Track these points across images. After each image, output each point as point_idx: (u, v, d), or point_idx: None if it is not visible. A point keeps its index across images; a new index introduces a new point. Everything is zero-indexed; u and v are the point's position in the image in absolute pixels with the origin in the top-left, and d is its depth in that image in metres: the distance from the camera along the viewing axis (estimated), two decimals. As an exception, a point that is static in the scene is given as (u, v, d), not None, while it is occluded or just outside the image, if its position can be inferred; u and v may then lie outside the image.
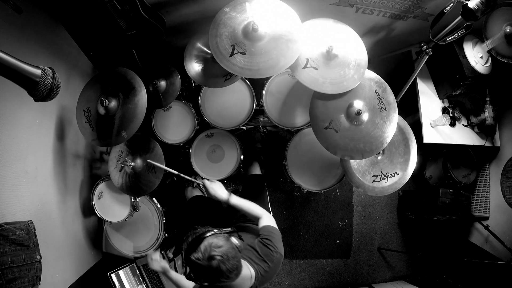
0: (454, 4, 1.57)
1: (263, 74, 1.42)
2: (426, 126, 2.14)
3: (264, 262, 1.26)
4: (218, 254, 1.06)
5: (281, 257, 1.31)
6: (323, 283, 2.69)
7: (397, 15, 1.88)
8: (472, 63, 1.93)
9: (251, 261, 1.25)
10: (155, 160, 1.74)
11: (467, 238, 2.56)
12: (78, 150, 2.02)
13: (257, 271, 1.23)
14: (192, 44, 1.82)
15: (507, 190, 1.98)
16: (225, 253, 1.08)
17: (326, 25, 1.57)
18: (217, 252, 1.07)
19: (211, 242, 1.09)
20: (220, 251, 1.07)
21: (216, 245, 1.08)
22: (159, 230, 1.95)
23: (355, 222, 2.74)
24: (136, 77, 1.62)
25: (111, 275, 1.97)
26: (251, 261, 1.25)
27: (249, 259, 1.26)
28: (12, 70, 0.74)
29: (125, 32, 1.63)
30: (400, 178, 1.69)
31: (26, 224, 1.34)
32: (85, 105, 1.67)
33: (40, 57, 1.58)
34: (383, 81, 1.59)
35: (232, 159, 2.06)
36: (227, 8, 1.51)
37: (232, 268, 1.08)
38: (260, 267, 1.25)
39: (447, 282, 2.54)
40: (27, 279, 1.28)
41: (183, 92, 2.13)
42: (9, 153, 1.37)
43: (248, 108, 1.98)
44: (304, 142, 1.98)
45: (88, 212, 2.07)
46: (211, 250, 1.07)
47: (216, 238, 1.11)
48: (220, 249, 1.08)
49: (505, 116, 2.29)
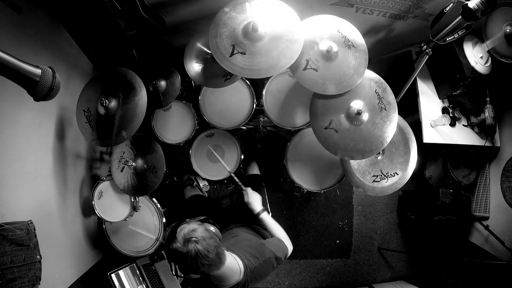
0: (454, 4, 1.57)
1: (263, 74, 1.42)
2: (426, 126, 2.14)
3: (255, 258, 1.27)
4: (193, 236, 1.08)
5: (273, 258, 1.31)
6: (323, 283, 2.69)
7: (397, 15, 1.88)
8: (472, 63, 1.93)
9: (243, 256, 1.26)
10: (155, 160, 1.74)
11: (467, 238, 2.56)
12: (78, 150, 2.02)
13: (246, 266, 1.23)
14: (192, 44, 1.82)
15: (507, 190, 1.98)
16: (200, 234, 1.10)
17: (326, 22, 1.57)
18: (192, 234, 1.09)
19: (184, 228, 1.11)
20: (194, 233, 1.09)
21: (191, 229, 1.11)
22: (159, 230, 1.95)
23: (355, 222, 2.74)
24: (136, 77, 1.62)
25: (111, 275, 1.97)
26: (243, 256, 1.26)
27: (241, 254, 1.26)
28: (12, 69, 0.74)
29: (125, 32, 1.63)
30: (400, 178, 1.69)
31: (26, 224, 1.34)
32: (85, 105, 1.67)
33: (40, 57, 1.58)
34: (383, 81, 1.59)
35: (232, 159, 2.06)
36: (227, 8, 1.51)
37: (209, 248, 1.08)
38: (250, 262, 1.25)
39: (447, 282, 2.54)
40: (27, 279, 1.28)
41: (183, 92, 2.13)
42: (9, 153, 1.36)
43: (248, 108, 1.98)
44: (304, 142, 1.98)
45: (88, 212, 2.07)
46: (187, 234, 1.09)
47: (188, 224, 1.14)
48: (194, 232, 1.10)
49: (505, 116, 2.29)
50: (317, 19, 1.56)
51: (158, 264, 2.03)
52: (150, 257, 2.04)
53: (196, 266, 1.08)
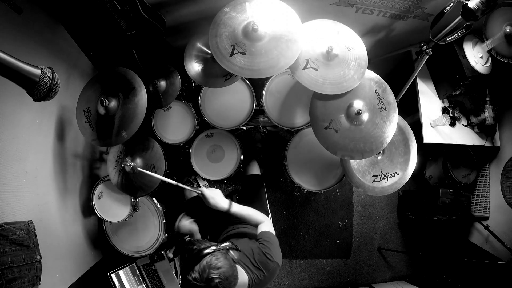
0: (454, 4, 1.57)
1: (263, 74, 1.42)
2: (426, 126, 2.14)
3: (259, 271, 1.25)
4: (217, 276, 1.04)
5: (277, 267, 1.29)
6: (323, 283, 2.69)
7: (397, 15, 1.88)
8: (472, 63, 1.93)
9: (247, 268, 1.25)
10: (155, 159, 1.74)
11: (467, 238, 2.56)
12: (78, 150, 2.02)
13: (251, 279, 1.23)
14: (192, 44, 1.82)
15: (507, 190, 1.98)
16: (223, 274, 1.05)
17: (325, 25, 1.57)
18: (216, 274, 1.04)
19: (209, 263, 1.06)
20: (218, 272, 1.05)
21: (215, 266, 1.05)
22: (159, 230, 1.95)
23: (355, 222, 2.74)
24: (136, 77, 1.62)
25: (111, 275, 1.97)
26: (247, 268, 1.25)
27: (246, 266, 1.25)
28: (12, 69, 0.74)
29: (125, 32, 1.63)
30: (400, 178, 1.69)
31: (26, 224, 1.35)
32: (85, 105, 1.67)
33: (40, 57, 1.58)
34: (383, 81, 1.59)
35: (232, 159, 2.06)
36: (227, 8, 1.51)
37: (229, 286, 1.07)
38: (255, 275, 1.24)
39: (447, 282, 2.54)
40: (27, 279, 1.28)
41: (183, 92, 2.13)
42: (9, 153, 1.37)
43: (248, 108, 1.98)
44: (304, 142, 1.98)
45: (88, 212, 2.07)
46: (209, 273, 1.04)
47: (214, 257, 1.08)
48: (218, 270, 1.05)
49: (505, 116, 2.29)
50: (317, 23, 1.57)
51: (158, 264, 2.03)
52: (150, 257, 2.04)
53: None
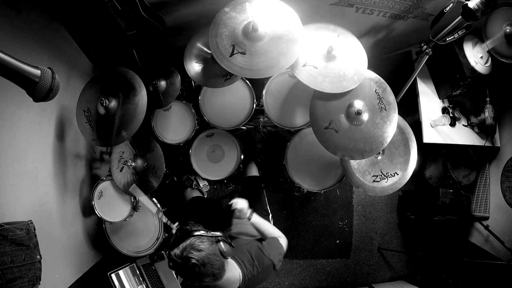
0: (454, 4, 1.57)
1: (263, 74, 1.42)
2: (426, 126, 2.14)
3: (254, 267, 1.26)
4: (194, 257, 1.04)
5: (271, 266, 1.29)
6: (323, 283, 2.69)
7: (397, 15, 1.88)
8: (472, 63, 1.93)
9: (242, 264, 1.25)
10: (155, 160, 1.74)
11: (467, 238, 2.56)
12: (78, 150, 2.02)
13: (244, 275, 1.23)
14: (192, 44, 1.82)
15: (507, 190, 1.98)
16: (202, 258, 1.05)
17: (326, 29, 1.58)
18: (194, 255, 1.04)
19: (192, 244, 1.07)
20: (197, 255, 1.05)
21: (196, 248, 1.06)
22: (159, 230, 1.95)
23: (355, 222, 2.74)
24: (136, 77, 1.62)
25: (111, 275, 1.97)
26: (242, 264, 1.25)
27: (241, 262, 1.26)
28: (12, 70, 0.73)
29: (125, 32, 1.63)
30: (400, 178, 1.69)
31: (26, 224, 1.34)
32: (85, 105, 1.67)
33: (40, 57, 1.58)
34: (383, 81, 1.59)
35: (232, 159, 2.06)
36: (227, 8, 1.51)
37: (206, 274, 1.06)
38: (248, 270, 1.25)
39: (447, 282, 2.54)
40: (27, 279, 1.28)
41: (183, 92, 2.13)
42: (9, 153, 1.36)
43: (248, 108, 1.98)
44: (304, 142, 1.98)
45: (88, 212, 2.07)
46: (188, 252, 1.05)
47: (199, 239, 1.09)
48: (198, 253, 1.05)
49: (505, 116, 2.29)
50: (318, 27, 1.57)
51: (158, 264, 2.03)
52: (150, 257, 2.04)
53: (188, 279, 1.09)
